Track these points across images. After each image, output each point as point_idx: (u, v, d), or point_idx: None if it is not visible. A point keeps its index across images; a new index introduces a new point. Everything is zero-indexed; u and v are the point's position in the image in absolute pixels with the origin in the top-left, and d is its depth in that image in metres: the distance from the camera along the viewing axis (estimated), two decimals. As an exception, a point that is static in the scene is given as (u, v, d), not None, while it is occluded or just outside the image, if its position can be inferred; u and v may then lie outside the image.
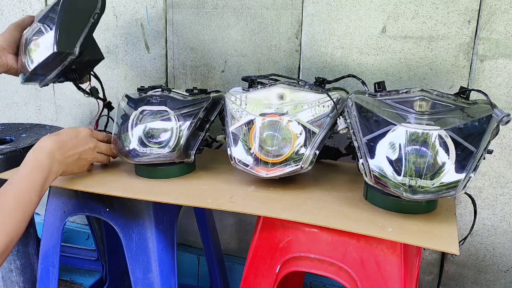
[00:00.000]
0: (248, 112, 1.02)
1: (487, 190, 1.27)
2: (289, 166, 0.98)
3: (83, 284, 1.94)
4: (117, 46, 1.63)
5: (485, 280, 1.34)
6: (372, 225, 0.83)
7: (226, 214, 1.66)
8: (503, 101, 1.18)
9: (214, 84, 1.52)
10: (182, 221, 1.73)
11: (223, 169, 1.17)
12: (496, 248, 1.30)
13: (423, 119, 0.85)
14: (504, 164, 1.23)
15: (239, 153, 1.02)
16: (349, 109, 0.92)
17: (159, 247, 1.07)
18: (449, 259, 1.38)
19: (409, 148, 0.84)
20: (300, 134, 0.98)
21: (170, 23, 1.53)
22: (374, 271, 0.83)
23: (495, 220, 1.28)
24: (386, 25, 1.25)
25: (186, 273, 1.77)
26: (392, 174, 0.84)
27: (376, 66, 1.29)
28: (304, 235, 0.89)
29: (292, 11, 1.36)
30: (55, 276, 1.16)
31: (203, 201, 0.95)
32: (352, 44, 1.30)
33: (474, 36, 1.18)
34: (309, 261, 0.90)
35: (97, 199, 1.08)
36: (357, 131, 0.89)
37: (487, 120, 0.83)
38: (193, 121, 1.07)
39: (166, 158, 1.06)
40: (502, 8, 1.14)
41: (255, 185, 1.04)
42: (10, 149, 1.32)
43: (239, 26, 1.43)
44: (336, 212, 0.90)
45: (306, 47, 1.36)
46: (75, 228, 1.95)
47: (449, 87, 1.23)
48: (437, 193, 0.82)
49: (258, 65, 1.44)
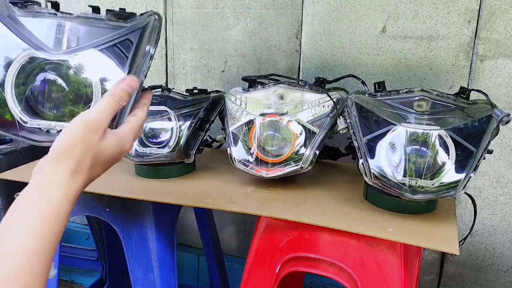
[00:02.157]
0: (248, 112, 1.02)
1: (487, 190, 1.27)
2: (289, 166, 0.98)
3: (83, 284, 1.94)
4: (117, 46, 1.63)
5: (485, 280, 1.34)
6: (372, 225, 0.83)
7: (226, 214, 1.66)
8: (503, 101, 1.18)
9: (214, 84, 1.52)
10: (182, 221, 1.73)
11: (223, 169, 1.17)
12: (496, 248, 1.30)
13: (423, 119, 0.85)
14: (504, 164, 1.23)
15: (239, 153, 1.02)
16: (349, 109, 0.92)
17: (159, 247, 1.07)
18: (449, 259, 1.38)
19: (409, 148, 0.84)
20: (300, 134, 0.98)
21: (170, 23, 1.53)
22: (374, 271, 0.83)
23: (495, 220, 1.28)
24: (386, 25, 1.25)
25: (186, 273, 1.77)
26: (392, 174, 0.84)
27: (376, 66, 1.29)
28: (304, 235, 0.89)
29: (292, 11, 1.36)
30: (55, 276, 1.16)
31: (203, 201, 0.95)
32: (352, 44, 1.30)
33: (474, 36, 1.18)
34: (309, 261, 0.90)
35: (97, 199, 1.08)
36: (357, 131, 0.89)
37: (487, 120, 0.83)
38: (193, 121, 1.07)
39: (166, 158, 1.06)
40: (502, 8, 1.14)
41: (255, 185, 1.04)
42: (10, 149, 1.32)
43: (239, 26, 1.43)
44: (336, 212, 0.89)
45: (306, 47, 1.36)
46: (75, 228, 1.95)
47: (449, 87, 1.23)
48: (437, 193, 0.82)
49: (258, 65, 1.44)
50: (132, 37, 0.74)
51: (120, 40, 0.73)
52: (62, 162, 0.54)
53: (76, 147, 0.54)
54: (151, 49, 0.73)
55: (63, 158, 0.54)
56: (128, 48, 0.73)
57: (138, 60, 0.72)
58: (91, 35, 0.74)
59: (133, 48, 0.73)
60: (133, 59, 0.72)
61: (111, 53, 0.72)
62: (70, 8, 1.64)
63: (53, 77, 0.72)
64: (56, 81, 0.72)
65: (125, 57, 0.72)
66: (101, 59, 0.72)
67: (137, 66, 0.72)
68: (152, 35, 0.75)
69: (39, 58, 0.71)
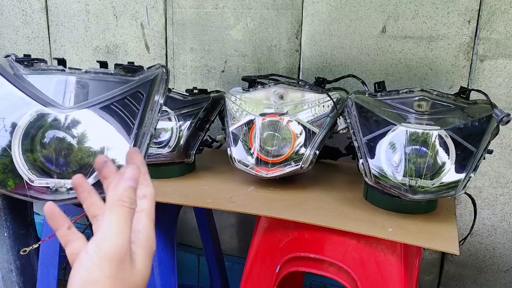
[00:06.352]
0: (248, 112, 1.02)
1: (487, 190, 1.27)
2: (289, 166, 0.98)
3: (83, 284, 1.93)
4: (117, 46, 1.63)
5: (485, 280, 1.34)
6: (372, 225, 0.83)
7: (226, 214, 1.66)
8: (503, 101, 1.18)
9: (214, 84, 1.51)
10: (182, 221, 1.73)
11: (223, 169, 1.17)
12: (496, 248, 1.30)
13: (423, 119, 0.85)
14: (504, 164, 1.23)
15: (239, 153, 1.02)
16: (349, 109, 0.92)
17: (159, 247, 1.07)
18: (449, 259, 1.38)
19: (409, 148, 0.84)
20: (300, 134, 0.98)
21: (170, 23, 1.53)
22: (374, 271, 0.83)
23: (495, 220, 1.28)
24: (386, 25, 1.25)
25: (186, 273, 1.77)
26: (392, 174, 0.84)
27: (376, 66, 1.29)
28: (304, 235, 0.89)
29: (292, 11, 1.36)
30: (55, 276, 1.16)
31: (203, 201, 0.95)
32: (352, 44, 1.30)
33: (474, 36, 1.18)
34: (309, 261, 0.90)
35: (97, 199, 1.07)
36: (357, 131, 0.89)
37: (487, 120, 0.83)
38: (193, 121, 1.07)
39: (166, 158, 1.06)
40: (502, 8, 1.14)
41: (255, 185, 1.04)
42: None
43: (239, 26, 1.43)
44: (336, 212, 0.89)
45: (306, 47, 1.36)
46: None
47: (449, 87, 1.23)
48: (437, 193, 0.82)
49: (258, 65, 1.44)
50: (142, 89, 0.74)
51: (131, 93, 0.73)
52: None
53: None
54: (160, 99, 0.74)
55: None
56: (139, 100, 0.73)
57: (149, 111, 0.72)
58: (101, 89, 0.74)
59: (143, 100, 0.73)
60: (144, 111, 0.72)
61: (121, 106, 0.72)
62: (70, 8, 1.64)
63: (63, 135, 0.71)
64: (66, 138, 0.71)
65: (136, 109, 0.72)
66: (110, 113, 0.71)
67: (147, 117, 0.72)
68: (161, 87, 0.76)
69: (47, 114, 0.70)
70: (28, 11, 1.74)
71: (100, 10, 1.60)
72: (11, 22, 1.66)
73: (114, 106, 0.72)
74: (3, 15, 1.80)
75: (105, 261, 0.39)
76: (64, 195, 0.69)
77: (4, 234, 1.27)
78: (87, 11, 1.62)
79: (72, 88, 0.73)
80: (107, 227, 0.40)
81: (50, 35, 1.72)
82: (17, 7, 1.77)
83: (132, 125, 0.71)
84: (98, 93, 0.73)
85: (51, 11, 1.69)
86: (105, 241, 0.40)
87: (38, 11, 1.71)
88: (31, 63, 0.75)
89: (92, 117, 0.71)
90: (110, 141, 0.70)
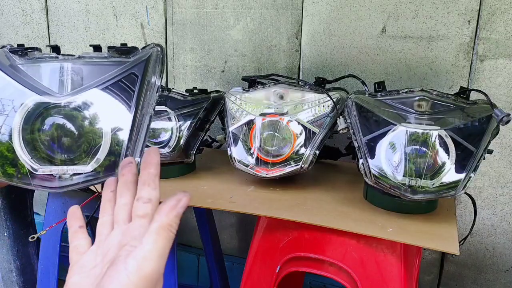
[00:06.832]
0: (248, 112, 1.02)
1: (487, 190, 1.27)
2: (289, 166, 0.98)
3: (83, 284, 1.93)
4: (117, 46, 1.63)
5: (485, 280, 1.34)
6: (372, 225, 0.83)
7: (226, 214, 1.66)
8: (503, 101, 1.18)
9: (214, 84, 1.51)
10: (182, 221, 1.73)
11: (223, 169, 1.17)
12: (496, 248, 1.30)
13: (423, 119, 0.85)
14: (504, 164, 1.23)
15: (239, 153, 1.02)
16: (349, 109, 0.92)
17: (159, 247, 1.07)
18: (449, 259, 1.38)
19: (409, 148, 0.84)
20: (300, 134, 0.98)
21: (170, 23, 1.53)
22: (374, 271, 0.83)
23: (495, 220, 1.28)
24: (386, 25, 1.25)
25: (186, 273, 1.77)
26: (392, 174, 0.84)
27: (376, 66, 1.29)
28: (304, 235, 0.89)
29: (292, 11, 1.36)
30: (55, 276, 1.16)
31: (203, 201, 0.95)
32: (352, 44, 1.30)
33: (474, 36, 1.18)
34: (309, 261, 0.90)
35: (97, 199, 1.08)
36: (357, 131, 0.89)
37: (487, 120, 0.83)
38: (193, 121, 1.07)
39: (166, 158, 1.06)
40: (502, 8, 1.14)
41: (255, 185, 1.04)
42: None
43: (239, 26, 1.43)
44: (336, 212, 0.89)
45: (306, 47, 1.36)
46: (75, 228, 1.95)
47: (449, 87, 1.23)
48: (437, 193, 0.82)
49: (258, 65, 1.44)
50: (137, 70, 0.73)
51: (124, 75, 0.72)
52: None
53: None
54: (156, 80, 0.72)
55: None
56: (133, 82, 0.72)
57: (145, 92, 0.71)
58: (95, 73, 0.73)
59: (138, 81, 0.72)
60: (139, 92, 0.71)
61: (117, 89, 0.71)
62: (70, 8, 1.64)
63: (62, 121, 0.71)
64: (65, 125, 0.70)
65: (132, 91, 0.72)
66: (107, 97, 0.70)
67: (144, 99, 0.71)
68: (156, 66, 0.74)
69: (45, 102, 0.70)
70: (28, 11, 1.74)
71: (100, 10, 1.60)
72: (11, 22, 1.66)
73: (109, 89, 0.72)
74: (3, 15, 1.80)
75: (144, 281, 0.40)
76: (68, 181, 0.70)
77: (4, 234, 1.27)
78: (87, 11, 1.62)
79: (67, 74, 0.72)
80: (152, 248, 0.41)
81: (50, 35, 1.72)
82: (17, 7, 1.77)
83: (128, 107, 0.71)
84: (93, 77, 0.72)
85: (51, 11, 1.69)
86: (148, 262, 0.41)
87: (38, 11, 1.71)
88: (25, 52, 0.74)
89: (92, 100, 0.71)
90: (110, 122, 0.70)
